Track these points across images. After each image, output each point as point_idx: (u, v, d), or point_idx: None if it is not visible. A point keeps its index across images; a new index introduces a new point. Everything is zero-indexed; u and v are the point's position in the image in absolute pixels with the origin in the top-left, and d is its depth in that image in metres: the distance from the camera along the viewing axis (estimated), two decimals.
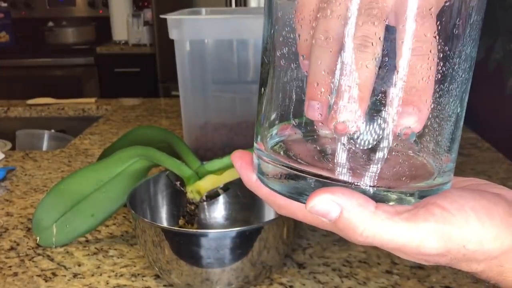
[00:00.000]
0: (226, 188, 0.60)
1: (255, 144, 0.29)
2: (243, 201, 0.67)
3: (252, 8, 2.10)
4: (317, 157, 0.26)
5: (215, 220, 0.69)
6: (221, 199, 0.68)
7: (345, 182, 0.25)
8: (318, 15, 0.24)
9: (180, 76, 0.84)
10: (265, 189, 0.28)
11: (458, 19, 0.24)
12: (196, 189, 0.58)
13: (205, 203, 0.66)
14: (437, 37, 0.24)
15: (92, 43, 2.90)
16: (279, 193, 0.27)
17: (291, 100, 0.26)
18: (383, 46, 0.23)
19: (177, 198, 0.64)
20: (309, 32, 0.25)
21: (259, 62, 0.29)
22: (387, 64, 0.24)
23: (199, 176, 0.58)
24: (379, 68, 0.23)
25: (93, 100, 1.47)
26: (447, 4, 0.24)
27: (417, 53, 0.23)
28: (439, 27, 0.24)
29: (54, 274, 0.61)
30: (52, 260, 0.64)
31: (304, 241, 0.67)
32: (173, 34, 0.81)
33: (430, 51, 0.23)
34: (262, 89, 0.28)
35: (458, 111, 0.26)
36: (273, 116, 0.28)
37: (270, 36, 0.27)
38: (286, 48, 0.26)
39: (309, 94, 0.24)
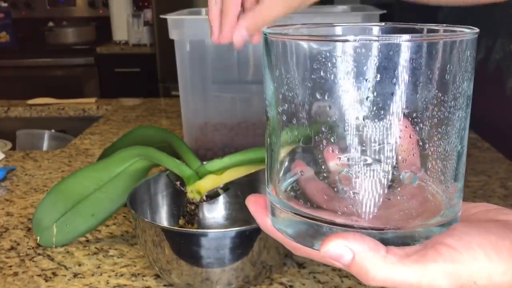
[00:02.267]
0: (226, 188, 0.60)
1: (267, 189, 0.30)
2: (243, 201, 0.67)
3: None
4: (328, 197, 0.27)
5: (215, 220, 0.69)
6: (221, 199, 0.68)
7: (355, 227, 0.26)
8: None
9: (180, 76, 0.84)
10: (280, 233, 0.29)
11: (450, 66, 0.25)
12: (196, 189, 0.58)
13: (205, 203, 0.66)
14: (430, 84, 0.25)
15: (92, 43, 2.90)
16: (292, 239, 0.28)
17: (299, 148, 0.28)
18: (381, 98, 0.24)
19: (177, 198, 0.64)
20: None
21: (259, 62, 0.30)
22: (384, 116, 0.25)
23: (199, 176, 0.59)
24: (378, 120, 0.25)
25: (93, 100, 1.47)
26: (437, 51, 0.24)
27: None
28: (432, 75, 0.25)
29: (54, 274, 0.61)
30: (52, 260, 0.64)
31: None
32: (173, 34, 0.81)
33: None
34: (268, 139, 0.30)
35: (459, 148, 0.27)
36: (282, 162, 0.29)
37: (272, 93, 0.28)
38: (286, 105, 0.27)
39: None
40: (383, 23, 0.31)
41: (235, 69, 0.84)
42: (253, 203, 0.31)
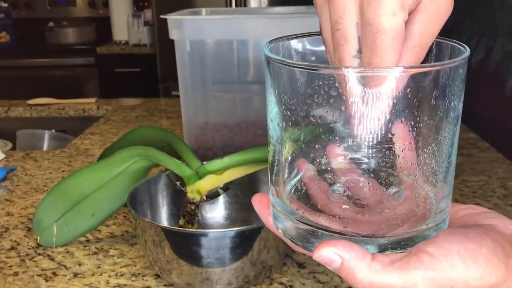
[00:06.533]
0: (226, 188, 0.60)
1: (270, 191, 0.32)
2: (243, 201, 0.67)
3: (252, 8, 2.10)
4: (324, 204, 0.29)
5: (215, 220, 0.69)
6: (221, 199, 0.68)
7: (346, 234, 0.29)
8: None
9: (180, 76, 0.84)
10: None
11: (436, 92, 0.26)
12: (196, 189, 0.58)
13: (205, 203, 0.66)
14: (421, 107, 0.26)
15: (92, 43, 2.90)
16: (291, 240, 0.31)
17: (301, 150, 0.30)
18: (374, 121, 0.26)
19: (177, 198, 0.64)
20: None
21: (259, 62, 0.31)
22: (376, 136, 0.27)
23: (199, 176, 0.59)
24: (371, 140, 0.27)
25: (93, 100, 1.47)
26: (428, 79, 0.26)
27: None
28: (422, 99, 0.26)
29: (54, 274, 0.61)
30: (52, 259, 0.64)
31: None
32: (173, 34, 0.81)
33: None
34: (270, 148, 0.31)
35: (446, 163, 0.29)
36: (284, 168, 0.31)
37: (272, 106, 0.30)
38: (283, 123, 0.29)
39: None
40: None
41: (235, 69, 0.84)
42: (258, 202, 0.34)
